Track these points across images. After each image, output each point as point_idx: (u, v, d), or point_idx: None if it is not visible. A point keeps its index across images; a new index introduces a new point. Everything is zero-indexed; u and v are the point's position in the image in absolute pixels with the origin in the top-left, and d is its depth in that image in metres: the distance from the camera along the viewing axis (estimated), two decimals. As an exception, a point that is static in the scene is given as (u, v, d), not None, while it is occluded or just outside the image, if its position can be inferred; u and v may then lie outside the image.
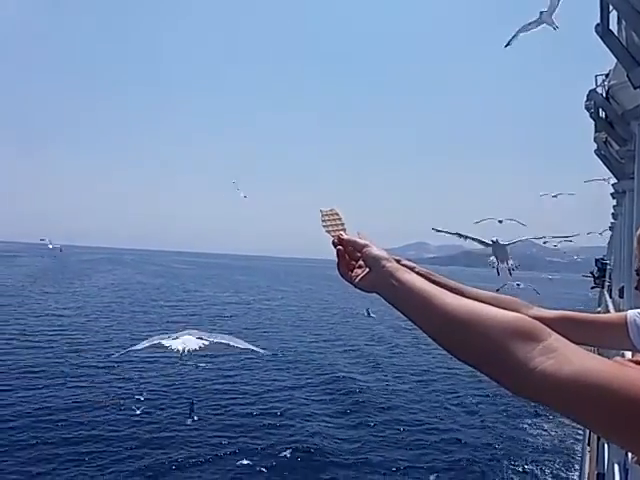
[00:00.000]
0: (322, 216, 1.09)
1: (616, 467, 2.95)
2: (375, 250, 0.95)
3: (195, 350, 7.56)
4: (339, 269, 1.00)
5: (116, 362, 17.01)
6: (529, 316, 1.64)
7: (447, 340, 0.80)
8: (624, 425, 0.62)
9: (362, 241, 0.98)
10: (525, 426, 13.67)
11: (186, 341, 7.64)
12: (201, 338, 7.83)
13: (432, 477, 10.25)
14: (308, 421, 13.06)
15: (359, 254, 0.98)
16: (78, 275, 63.86)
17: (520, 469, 11.27)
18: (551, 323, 1.64)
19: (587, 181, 19.37)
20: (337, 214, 1.09)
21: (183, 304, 38.80)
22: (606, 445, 4.21)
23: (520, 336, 0.73)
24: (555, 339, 0.73)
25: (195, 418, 12.30)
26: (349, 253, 1.01)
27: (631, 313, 1.66)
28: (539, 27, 6.67)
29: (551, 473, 11.10)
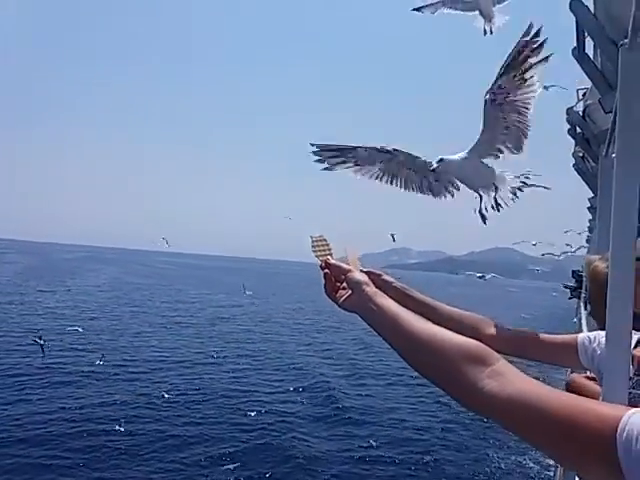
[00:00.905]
0: (312, 242, 1.23)
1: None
2: (357, 275, 1.09)
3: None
4: (325, 290, 1.16)
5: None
6: (487, 335, 1.76)
7: (411, 359, 0.94)
8: (554, 440, 0.73)
9: (346, 266, 1.14)
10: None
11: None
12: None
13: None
14: (291, 428, 13.10)
15: (343, 277, 1.12)
16: (68, 274, 63.98)
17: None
18: (508, 341, 1.75)
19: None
20: (325, 240, 1.23)
21: (179, 305, 39.53)
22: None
23: (471, 359, 0.86)
24: (502, 364, 0.86)
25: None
26: (335, 276, 1.15)
27: (582, 336, 1.78)
28: (467, 13, 4.72)
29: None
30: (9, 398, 13.43)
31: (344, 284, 1.12)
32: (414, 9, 5.14)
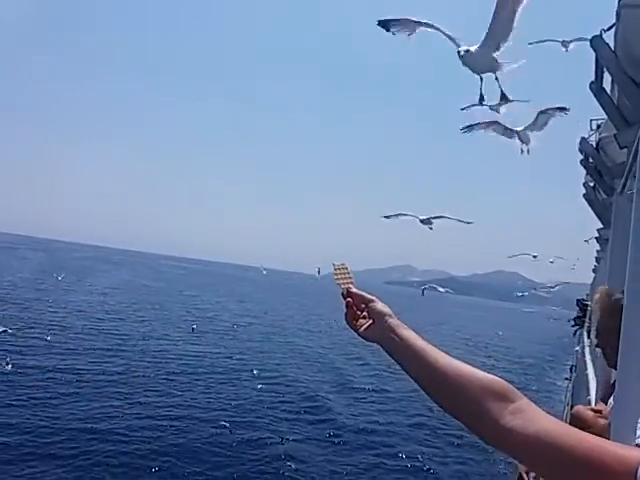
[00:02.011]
0: (334, 269, 1.22)
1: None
2: (379, 306, 1.09)
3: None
4: (346, 318, 1.14)
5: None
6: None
7: (433, 393, 0.95)
8: (573, 476, 0.75)
9: (368, 296, 1.12)
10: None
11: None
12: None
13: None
14: (281, 441, 12.98)
15: (364, 306, 1.11)
16: (82, 273, 64.22)
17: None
18: None
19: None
20: (346, 268, 1.22)
21: (194, 310, 39.92)
22: None
23: (495, 396, 0.87)
24: (525, 402, 0.88)
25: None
26: (356, 304, 1.13)
27: None
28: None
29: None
30: (40, 395, 13.72)
31: (364, 313, 1.11)
32: (463, 129, 5.61)
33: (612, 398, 1.96)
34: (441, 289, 30.42)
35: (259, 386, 17.50)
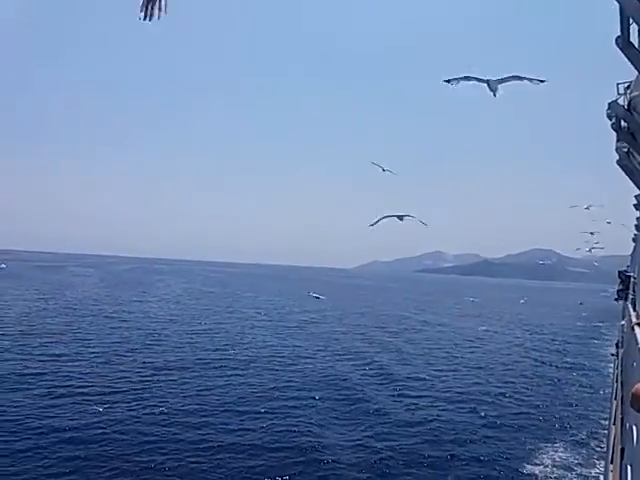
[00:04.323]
0: None
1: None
2: None
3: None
4: None
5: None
6: None
7: None
8: None
9: None
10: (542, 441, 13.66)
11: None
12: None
13: None
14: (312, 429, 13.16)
15: None
16: (140, 284, 68.23)
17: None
18: None
19: (572, 206, 20.03)
20: None
21: (256, 310, 42.96)
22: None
23: None
24: None
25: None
26: None
27: None
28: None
29: None
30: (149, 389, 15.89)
31: None
32: (445, 80, 7.47)
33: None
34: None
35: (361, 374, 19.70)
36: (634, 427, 3.48)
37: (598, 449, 12.83)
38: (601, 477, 10.57)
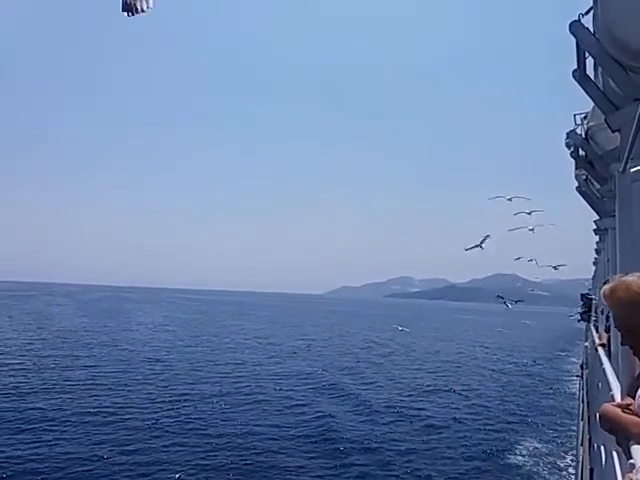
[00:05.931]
0: None
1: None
2: None
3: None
4: None
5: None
6: None
7: None
8: None
9: None
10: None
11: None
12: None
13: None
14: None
15: None
16: (120, 313, 66.31)
17: None
18: None
19: (490, 198, 19.06)
20: None
21: (238, 335, 43.21)
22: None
23: None
24: None
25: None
26: None
27: None
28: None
29: None
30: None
31: None
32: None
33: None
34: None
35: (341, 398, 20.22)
36: (602, 447, 3.54)
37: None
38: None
